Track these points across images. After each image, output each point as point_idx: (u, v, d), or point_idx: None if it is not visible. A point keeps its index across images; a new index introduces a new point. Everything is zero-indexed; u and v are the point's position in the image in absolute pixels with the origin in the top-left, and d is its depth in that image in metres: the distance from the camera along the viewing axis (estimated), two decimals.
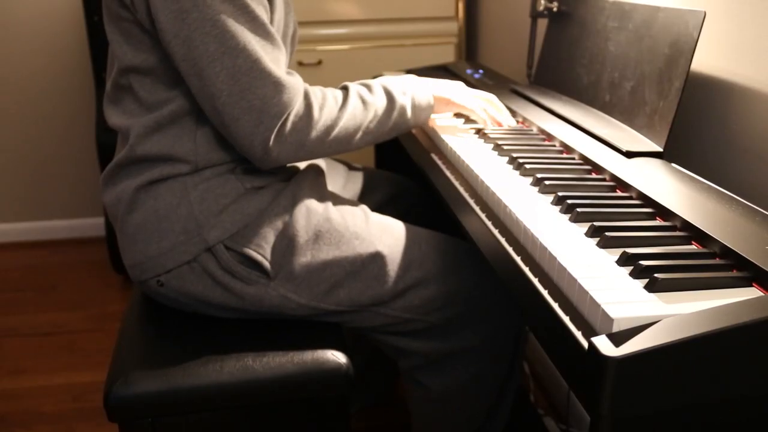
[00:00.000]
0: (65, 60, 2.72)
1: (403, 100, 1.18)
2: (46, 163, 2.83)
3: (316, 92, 1.09)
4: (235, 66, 1.00)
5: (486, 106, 1.27)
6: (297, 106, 1.05)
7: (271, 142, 1.04)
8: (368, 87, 1.17)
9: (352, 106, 1.12)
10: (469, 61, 2.31)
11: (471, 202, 1.01)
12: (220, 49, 1.00)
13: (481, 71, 1.76)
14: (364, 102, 1.14)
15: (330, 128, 1.09)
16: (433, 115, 1.26)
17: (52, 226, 2.91)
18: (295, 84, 1.05)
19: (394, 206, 1.55)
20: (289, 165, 1.21)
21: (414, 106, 1.20)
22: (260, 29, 1.03)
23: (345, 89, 1.15)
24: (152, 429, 1.06)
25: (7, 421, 1.80)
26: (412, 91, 1.20)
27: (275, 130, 1.03)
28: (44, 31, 2.67)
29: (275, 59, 1.04)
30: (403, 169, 1.67)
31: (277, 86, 1.02)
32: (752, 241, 0.74)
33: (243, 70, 1.01)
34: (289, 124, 1.04)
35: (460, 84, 1.30)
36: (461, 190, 1.05)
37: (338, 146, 1.12)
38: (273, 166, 1.09)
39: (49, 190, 2.87)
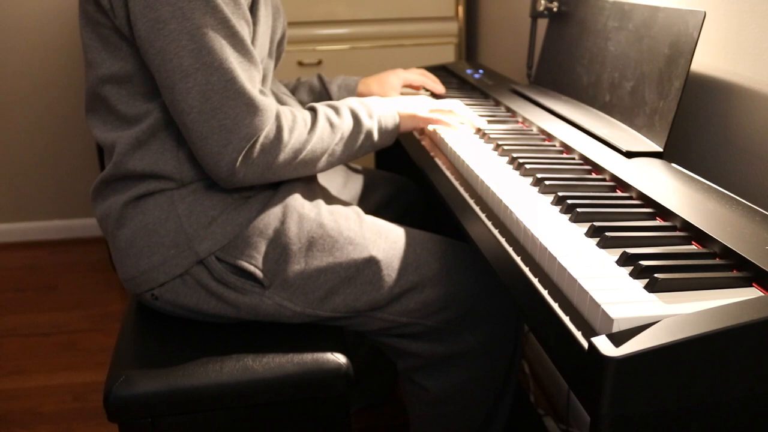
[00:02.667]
0: (65, 58, 2.72)
1: (370, 124, 1.17)
2: (46, 163, 2.83)
3: (287, 114, 1.08)
4: (208, 83, 0.98)
5: (452, 109, 1.27)
6: (267, 129, 1.03)
7: (237, 164, 1.02)
8: (336, 109, 1.16)
9: (320, 129, 1.11)
10: (469, 61, 2.31)
11: (471, 202, 1.00)
12: (194, 65, 0.97)
13: (481, 71, 1.76)
14: (332, 125, 1.13)
15: (298, 151, 1.08)
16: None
17: (52, 226, 2.91)
18: (269, 105, 1.04)
19: (394, 207, 1.55)
20: None
21: (380, 128, 1.19)
22: (239, 45, 1.00)
23: (313, 111, 1.14)
24: (152, 429, 1.06)
25: (7, 421, 1.81)
26: (379, 112, 1.19)
27: (243, 152, 1.02)
28: (44, 29, 2.67)
29: (251, 78, 1.02)
30: (403, 169, 1.67)
31: (249, 107, 1.00)
32: (752, 241, 0.74)
33: (216, 88, 0.98)
34: (257, 146, 1.03)
35: (423, 98, 1.30)
36: (461, 190, 1.05)
37: (304, 169, 1.11)
38: (238, 187, 1.08)
39: (49, 190, 2.87)
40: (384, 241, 1.16)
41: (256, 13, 1.07)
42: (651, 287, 0.68)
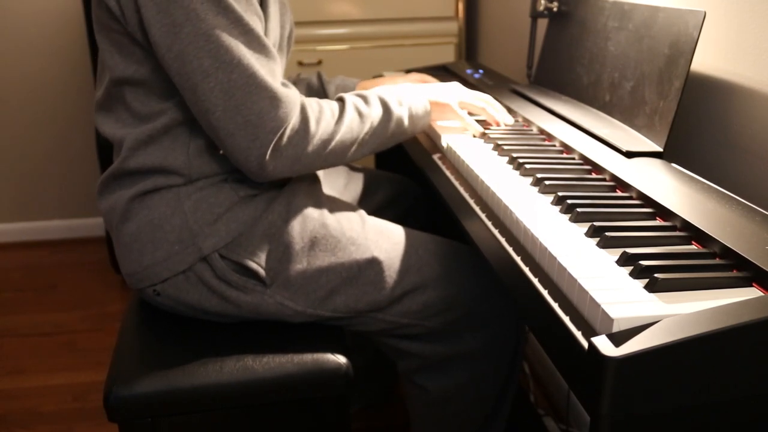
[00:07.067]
0: (65, 58, 2.72)
1: (400, 111, 1.16)
2: (46, 163, 2.83)
3: (313, 105, 1.07)
4: (229, 81, 0.99)
5: (485, 105, 1.27)
6: (293, 120, 1.03)
7: (267, 157, 1.02)
8: (364, 98, 1.15)
9: (348, 119, 1.10)
10: (469, 61, 2.31)
11: (471, 202, 1.01)
12: (213, 64, 0.98)
13: (481, 71, 1.76)
14: (360, 114, 1.12)
15: (327, 141, 1.07)
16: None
17: (52, 226, 2.91)
18: (292, 97, 1.04)
19: (395, 207, 1.55)
20: None
21: (411, 116, 1.18)
22: (255, 41, 1.01)
23: (341, 101, 1.14)
24: (152, 429, 1.06)
25: (7, 421, 1.81)
26: (409, 100, 1.19)
27: (271, 145, 1.01)
28: (44, 29, 2.67)
29: (271, 71, 1.02)
30: (404, 170, 1.68)
31: (273, 100, 1.00)
32: (752, 241, 0.74)
33: (238, 85, 0.99)
34: (285, 139, 1.03)
35: (456, 85, 1.29)
36: (461, 190, 1.05)
37: (335, 159, 1.11)
38: (269, 180, 1.08)
39: (49, 190, 2.87)
40: (386, 241, 1.16)
41: (266, 9, 1.08)
42: (651, 287, 0.68)
